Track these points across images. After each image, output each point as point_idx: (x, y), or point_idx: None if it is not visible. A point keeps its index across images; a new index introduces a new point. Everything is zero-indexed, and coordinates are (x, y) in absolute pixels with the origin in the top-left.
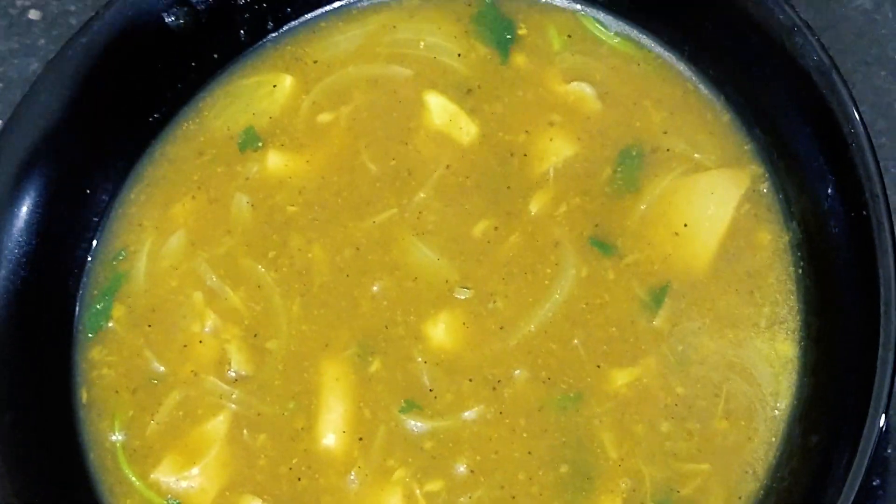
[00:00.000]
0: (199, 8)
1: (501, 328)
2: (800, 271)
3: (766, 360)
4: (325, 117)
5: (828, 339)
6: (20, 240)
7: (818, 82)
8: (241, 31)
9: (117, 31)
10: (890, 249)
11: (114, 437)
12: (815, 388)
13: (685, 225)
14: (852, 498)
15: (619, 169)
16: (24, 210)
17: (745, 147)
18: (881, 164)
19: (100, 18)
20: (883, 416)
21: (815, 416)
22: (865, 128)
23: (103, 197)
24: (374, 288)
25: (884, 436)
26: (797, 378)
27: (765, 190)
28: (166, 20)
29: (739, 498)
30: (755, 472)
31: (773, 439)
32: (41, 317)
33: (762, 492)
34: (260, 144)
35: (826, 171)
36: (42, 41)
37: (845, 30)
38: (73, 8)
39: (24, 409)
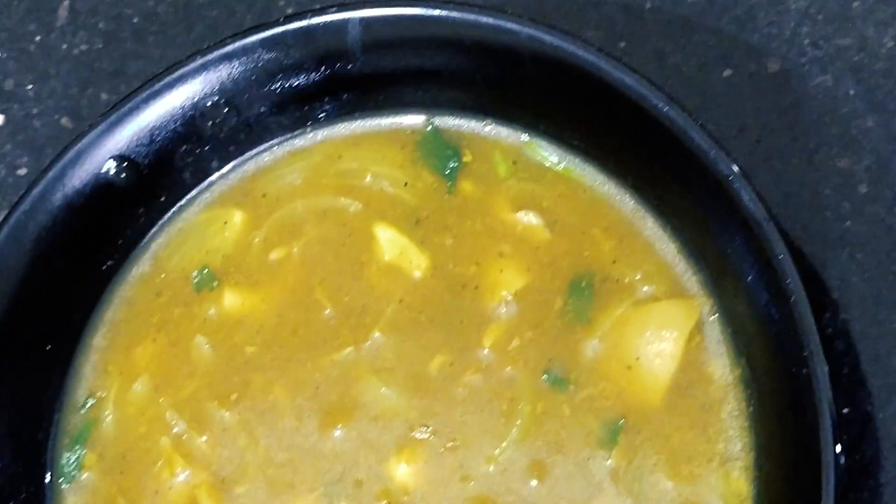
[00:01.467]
0: (139, 161)
1: (463, 477)
2: (751, 408)
3: (721, 499)
4: (277, 254)
5: (776, 479)
6: None
7: (756, 232)
8: (186, 175)
9: (60, 192)
10: (826, 407)
11: None
12: None
13: (637, 358)
14: None
15: (569, 301)
16: None
17: (694, 278)
18: (847, 251)
19: (39, 183)
20: None
21: None
22: (803, 286)
23: (67, 346)
24: (337, 433)
25: None
26: None
27: (714, 321)
28: (108, 175)
29: None
30: None
31: None
32: (14, 472)
33: None
34: (215, 284)
35: (771, 316)
36: (8, 146)
37: (809, 109)
38: (35, 111)
39: None
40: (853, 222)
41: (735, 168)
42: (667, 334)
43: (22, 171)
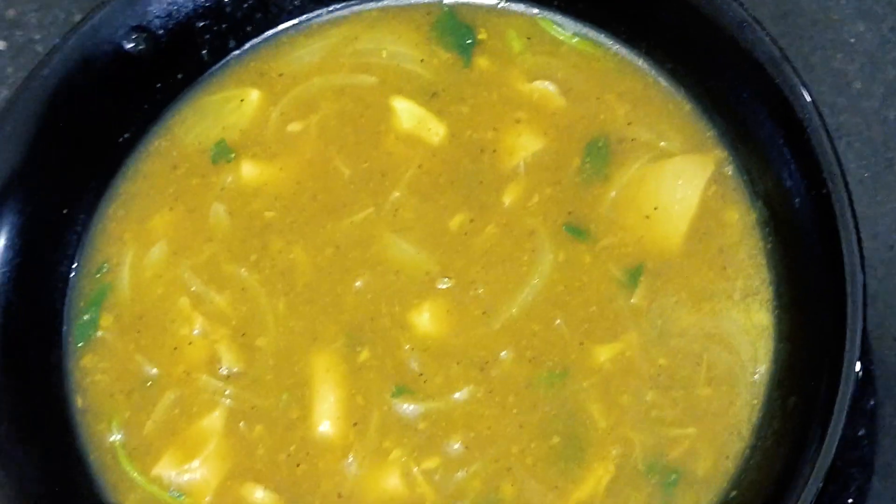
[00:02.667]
0: (158, 33)
1: (484, 313)
2: (769, 246)
3: (743, 330)
4: (294, 126)
5: (799, 306)
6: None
7: (771, 73)
8: (203, 52)
9: (78, 60)
10: (850, 222)
11: (112, 438)
12: (791, 352)
13: (655, 208)
14: (835, 446)
15: (587, 160)
16: (3, 233)
17: (708, 133)
18: (845, 140)
19: (59, 50)
20: (857, 363)
21: (791, 380)
22: (819, 111)
23: (81, 216)
24: (357, 283)
25: (866, 388)
26: (773, 344)
27: (729, 172)
28: (126, 47)
29: (727, 457)
30: (740, 433)
31: (755, 402)
32: (30, 333)
33: (748, 450)
34: (232, 156)
35: (785, 154)
36: (10, 69)
37: (802, 17)
38: (37, 37)
39: (20, 417)
40: (849, 115)
41: (746, 13)
42: (683, 185)
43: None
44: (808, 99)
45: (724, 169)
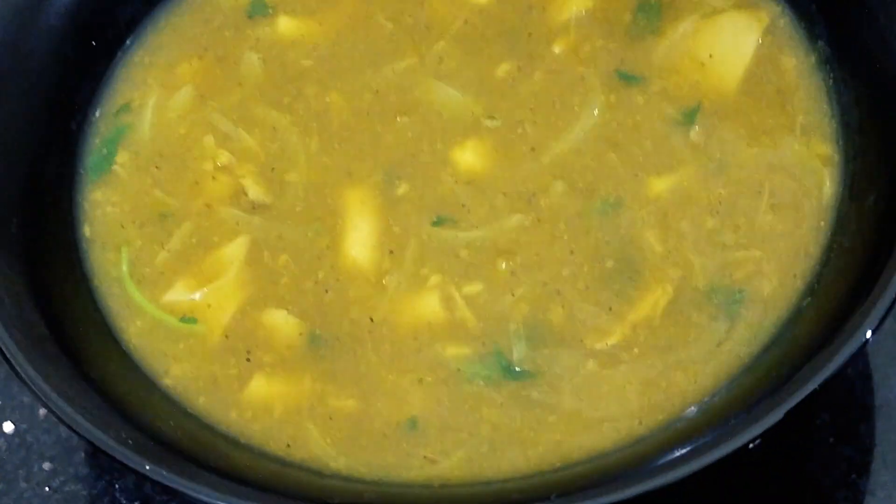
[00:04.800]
0: None
1: (533, 149)
2: (830, 82)
3: (806, 159)
4: None
5: (870, 128)
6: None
7: None
8: None
9: None
10: None
11: (121, 267)
12: (863, 165)
13: (710, 56)
14: None
15: (639, 15)
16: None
17: None
18: None
19: None
20: None
21: (866, 184)
22: None
23: (102, 54)
24: (398, 120)
25: None
26: (841, 167)
27: (783, 24)
28: None
29: (794, 275)
30: (808, 252)
31: (822, 223)
32: (45, 161)
33: (817, 267)
34: (270, 11)
35: None
36: None
37: None
38: None
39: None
40: None
41: None
42: (737, 36)
43: None
44: None
45: (778, 21)
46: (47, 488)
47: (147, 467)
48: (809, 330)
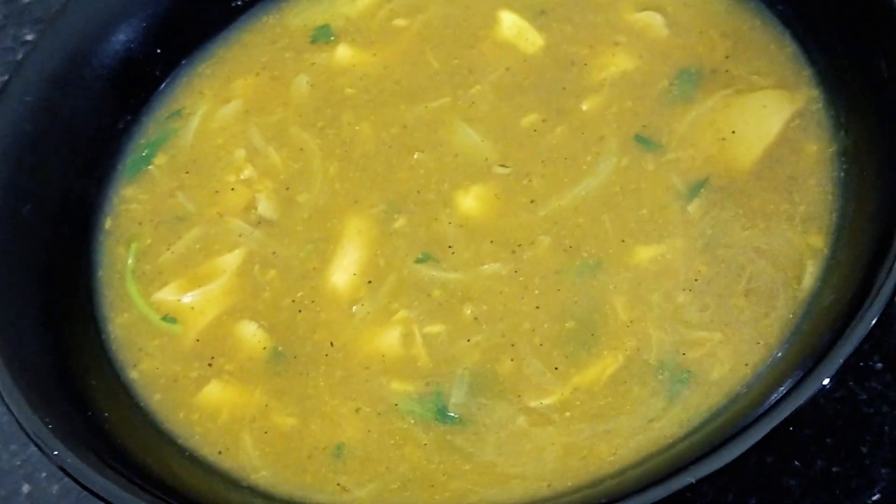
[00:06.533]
0: None
1: (532, 202)
2: (842, 174)
3: (795, 249)
4: (399, 22)
5: (855, 239)
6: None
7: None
8: None
9: None
10: None
11: (127, 261)
12: (840, 276)
13: (733, 132)
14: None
15: (675, 82)
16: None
17: (804, 73)
18: None
19: None
20: None
21: (836, 280)
22: None
23: (172, 60)
24: (415, 156)
25: None
26: (825, 264)
27: (816, 109)
28: None
29: (746, 364)
30: (767, 343)
31: (791, 316)
32: (87, 144)
33: (770, 359)
34: (332, 38)
35: (882, 80)
36: None
37: None
38: None
39: (42, 206)
40: None
41: None
42: (767, 115)
43: None
44: None
45: (811, 106)
46: None
47: (55, 453)
48: (734, 420)
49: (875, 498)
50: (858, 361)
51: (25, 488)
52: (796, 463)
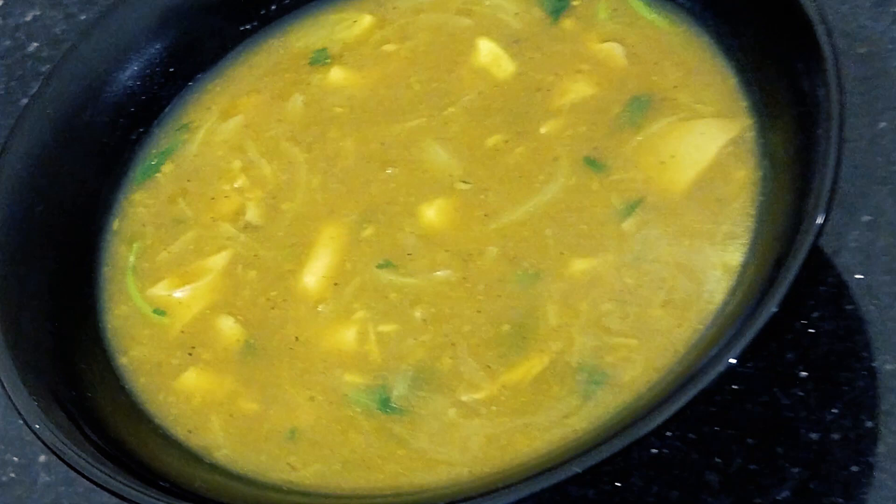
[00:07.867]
0: None
1: (486, 215)
2: (762, 198)
3: (713, 266)
4: (389, 47)
5: (765, 254)
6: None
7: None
8: None
9: None
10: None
11: (129, 259)
12: (745, 290)
13: (672, 156)
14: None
15: (627, 109)
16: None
17: (742, 103)
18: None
19: None
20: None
21: (740, 294)
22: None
23: (184, 77)
24: (388, 171)
25: None
26: (736, 280)
27: (750, 137)
28: None
29: (655, 369)
30: (675, 350)
31: (700, 326)
32: (103, 153)
33: (676, 366)
34: (328, 61)
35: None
36: None
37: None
38: None
39: (56, 207)
40: None
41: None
42: (704, 141)
43: None
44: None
45: (745, 134)
46: None
47: (35, 426)
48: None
49: (784, 495)
50: (785, 370)
51: (42, 458)
52: (717, 460)
